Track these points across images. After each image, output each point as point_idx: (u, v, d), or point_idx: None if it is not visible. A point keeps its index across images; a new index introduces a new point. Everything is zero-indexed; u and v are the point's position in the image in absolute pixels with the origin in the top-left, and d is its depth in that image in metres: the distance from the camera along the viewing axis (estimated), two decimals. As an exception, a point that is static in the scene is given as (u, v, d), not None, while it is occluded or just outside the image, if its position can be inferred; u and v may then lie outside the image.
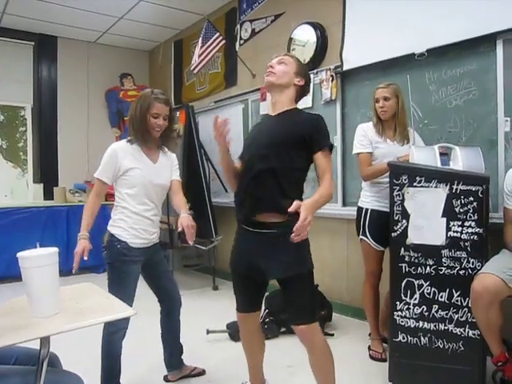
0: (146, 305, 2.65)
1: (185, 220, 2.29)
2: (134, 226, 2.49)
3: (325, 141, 2.11)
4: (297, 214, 1.84)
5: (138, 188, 2.46)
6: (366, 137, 3.03)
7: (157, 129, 2.47)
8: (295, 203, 1.85)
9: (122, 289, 2.40)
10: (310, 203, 1.93)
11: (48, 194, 6.20)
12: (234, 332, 3.33)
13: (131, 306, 2.33)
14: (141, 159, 2.48)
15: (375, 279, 3.09)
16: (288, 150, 2.07)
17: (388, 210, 2.73)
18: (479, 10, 2.92)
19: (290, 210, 1.84)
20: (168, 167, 2.63)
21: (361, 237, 3.11)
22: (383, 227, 2.90)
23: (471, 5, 2.97)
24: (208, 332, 3.41)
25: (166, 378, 2.80)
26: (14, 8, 5.38)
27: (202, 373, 2.87)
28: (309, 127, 2.10)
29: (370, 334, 3.15)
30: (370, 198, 3.10)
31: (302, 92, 2.25)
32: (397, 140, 2.97)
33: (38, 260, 1.50)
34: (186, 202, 2.60)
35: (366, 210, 3.10)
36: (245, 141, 2.34)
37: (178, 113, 5.18)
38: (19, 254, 1.51)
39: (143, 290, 2.66)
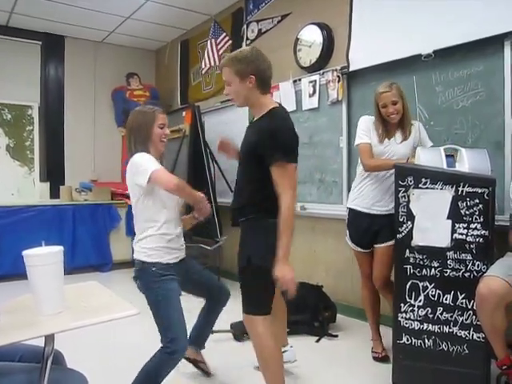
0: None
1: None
2: (164, 244, 2.39)
3: (274, 155, 2.04)
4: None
5: (162, 203, 2.39)
6: (368, 129, 2.95)
7: (163, 139, 2.46)
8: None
9: (171, 311, 2.30)
10: (279, 260, 2.04)
11: (54, 193, 6.22)
12: (238, 332, 3.34)
13: (185, 326, 2.33)
14: None
15: (371, 282, 3.04)
16: (249, 163, 2.21)
17: (367, 210, 2.94)
18: (486, 11, 2.90)
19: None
20: None
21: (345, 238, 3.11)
22: (359, 229, 2.99)
23: (478, 6, 2.95)
24: (212, 332, 3.40)
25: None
26: (22, 8, 5.41)
27: (207, 374, 2.84)
28: (259, 140, 2.10)
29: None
30: (352, 196, 3.06)
31: (260, 82, 2.15)
32: (395, 138, 2.89)
33: (43, 258, 1.51)
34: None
35: (347, 209, 3.09)
36: None
37: (184, 113, 5.18)
38: (24, 252, 1.52)
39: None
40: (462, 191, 2.35)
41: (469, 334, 2.36)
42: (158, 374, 2.29)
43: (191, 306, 2.74)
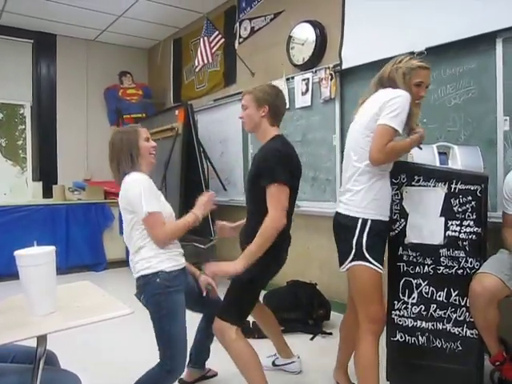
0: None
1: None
2: (163, 251, 2.24)
3: (266, 177, 2.18)
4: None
5: (166, 214, 2.29)
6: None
7: (153, 152, 2.35)
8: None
9: (173, 326, 2.17)
10: (245, 254, 2.17)
11: (47, 192, 6.19)
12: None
13: (186, 344, 2.24)
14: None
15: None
16: (253, 188, 2.33)
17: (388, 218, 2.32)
18: (479, 8, 2.91)
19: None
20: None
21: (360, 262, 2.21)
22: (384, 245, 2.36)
23: (471, 3, 2.96)
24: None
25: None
26: (13, 6, 5.37)
27: (215, 375, 2.85)
28: (258, 164, 2.30)
29: None
30: (366, 203, 2.18)
31: (272, 114, 2.37)
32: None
33: (35, 259, 1.51)
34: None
35: (368, 221, 2.18)
36: None
37: (176, 111, 5.17)
38: (16, 253, 1.51)
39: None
40: (455, 188, 2.35)
41: (462, 330, 2.37)
42: None
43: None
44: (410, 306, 2.47)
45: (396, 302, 2.50)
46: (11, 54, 6.19)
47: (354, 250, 2.18)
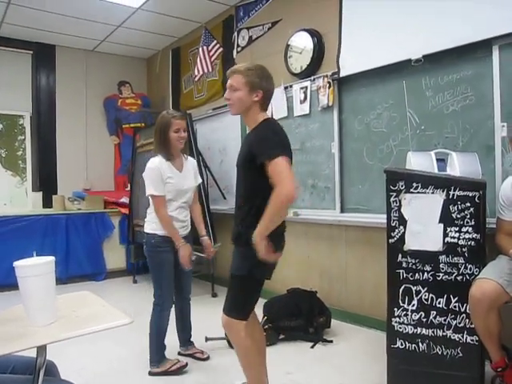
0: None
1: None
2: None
3: (265, 154, 2.08)
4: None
5: (171, 195, 2.90)
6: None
7: (181, 141, 2.93)
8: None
9: (161, 274, 2.92)
10: (258, 231, 2.09)
11: (47, 202, 6.19)
12: (232, 339, 3.32)
13: (172, 287, 2.99)
14: (172, 172, 2.92)
15: None
16: (244, 172, 2.26)
17: None
18: (475, 15, 2.93)
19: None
20: (191, 172, 3.10)
21: None
22: None
23: (467, 11, 2.98)
24: (207, 339, 3.40)
25: (179, 353, 3.24)
26: (13, 17, 5.41)
27: (205, 359, 3.19)
28: (252, 143, 2.19)
29: None
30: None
31: (264, 100, 2.27)
32: None
33: (34, 269, 1.51)
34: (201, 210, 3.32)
35: None
36: None
37: (176, 120, 5.18)
38: (15, 263, 1.51)
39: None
40: (453, 195, 2.36)
41: (462, 337, 2.37)
42: (158, 326, 2.94)
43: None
44: (409, 313, 2.47)
45: (396, 309, 2.51)
46: (11, 64, 6.22)
47: None
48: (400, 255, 2.47)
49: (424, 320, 2.44)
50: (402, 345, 2.50)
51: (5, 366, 1.59)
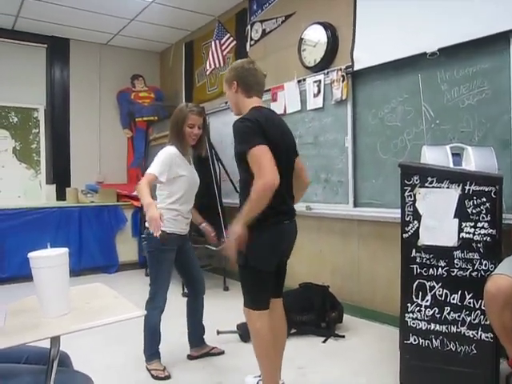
0: (172, 288, 3.03)
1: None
2: (172, 219, 2.82)
3: (242, 147, 2.15)
4: None
5: (184, 191, 2.85)
6: None
7: (193, 137, 2.89)
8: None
9: (159, 273, 2.85)
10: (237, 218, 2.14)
11: (60, 195, 6.25)
12: (244, 333, 3.33)
13: (168, 286, 2.90)
14: (186, 166, 2.89)
15: None
16: (238, 164, 2.28)
17: None
18: (491, 8, 2.88)
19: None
20: (195, 170, 3.05)
21: None
22: None
23: (483, 3, 2.93)
24: (218, 333, 3.41)
25: (189, 356, 3.12)
26: (28, 11, 5.44)
27: (221, 353, 3.17)
28: (235, 136, 2.23)
29: None
30: None
31: (242, 86, 2.34)
32: None
33: (48, 260, 1.51)
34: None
35: None
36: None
37: (188, 114, 5.18)
38: (30, 255, 1.52)
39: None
40: (469, 190, 2.33)
41: (477, 333, 2.34)
42: (149, 323, 2.87)
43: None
44: (423, 309, 2.45)
45: (409, 305, 2.49)
46: (25, 58, 6.27)
47: None
48: (414, 250, 2.45)
49: (438, 316, 2.42)
50: (415, 341, 2.48)
51: (19, 357, 1.61)
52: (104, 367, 2.94)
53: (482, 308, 2.29)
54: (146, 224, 2.73)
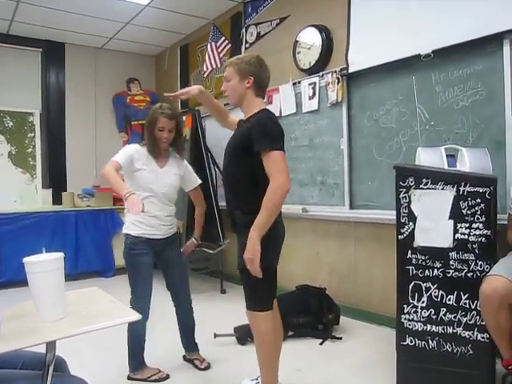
0: (164, 290, 2.97)
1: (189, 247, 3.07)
2: (141, 220, 2.74)
3: (263, 143, 2.11)
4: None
5: (149, 193, 2.74)
6: None
7: (163, 140, 2.77)
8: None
9: (135, 278, 2.76)
10: (250, 237, 2.09)
11: (57, 199, 6.23)
12: (241, 336, 3.33)
13: (148, 292, 2.78)
14: (149, 163, 2.77)
15: None
16: (234, 158, 2.29)
17: None
18: (485, 9, 2.90)
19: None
20: (174, 173, 2.89)
21: None
22: None
23: (477, 5, 2.94)
24: (215, 336, 3.41)
25: (184, 358, 3.09)
26: (22, 15, 5.43)
27: (202, 369, 2.97)
28: (250, 131, 2.19)
29: None
30: None
31: (257, 86, 2.31)
32: None
33: (43, 265, 1.51)
34: (204, 213, 3.14)
35: None
36: None
37: (184, 117, 5.19)
38: (25, 259, 1.52)
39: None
40: (464, 191, 2.34)
41: (473, 334, 2.35)
42: (130, 332, 2.78)
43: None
44: (419, 310, 2.46)
45: (405, 306, 2.49)
46: (20, 62, 6.26)
47: None
48: (409, 252, 2.46)
49: (434, 317, 2.43)
50: (411, 342, 2.49)
51: (15, 362, 1.60)
52: (101, 372, 2.93)
53: (478, 309, 2.29)
54: (123, 230, 2.83)
